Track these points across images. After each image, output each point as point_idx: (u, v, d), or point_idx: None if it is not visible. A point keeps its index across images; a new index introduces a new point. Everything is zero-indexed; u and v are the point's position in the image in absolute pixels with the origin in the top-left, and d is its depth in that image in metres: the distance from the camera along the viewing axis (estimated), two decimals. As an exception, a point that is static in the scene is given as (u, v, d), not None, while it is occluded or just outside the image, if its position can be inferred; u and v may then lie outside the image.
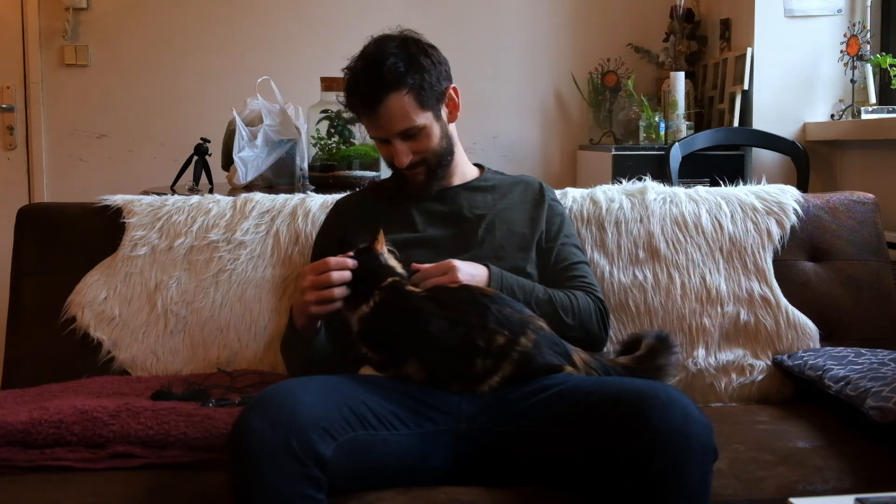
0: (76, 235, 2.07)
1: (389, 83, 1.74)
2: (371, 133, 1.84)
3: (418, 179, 1.85)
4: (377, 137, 1.82)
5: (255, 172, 2.79)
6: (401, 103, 1.75)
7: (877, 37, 3.20)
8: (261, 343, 1.98)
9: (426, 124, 1.79)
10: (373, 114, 1.77)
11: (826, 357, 1.85)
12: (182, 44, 3.68)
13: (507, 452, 1.52)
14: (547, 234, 1.88)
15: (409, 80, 1.75)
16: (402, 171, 1.84)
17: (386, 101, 1.75)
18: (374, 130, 1.82)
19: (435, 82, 1.79)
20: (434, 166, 1.84)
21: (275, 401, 1.38)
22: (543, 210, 1.90)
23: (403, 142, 1.79)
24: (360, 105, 1.79)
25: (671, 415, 1.35)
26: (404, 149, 1.80)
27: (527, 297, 1.71)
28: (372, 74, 1.75)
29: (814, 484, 1.53)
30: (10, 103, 3.65)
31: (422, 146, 1.81)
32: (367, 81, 1.76)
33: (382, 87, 1.74)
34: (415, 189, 1.87)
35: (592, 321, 1.78)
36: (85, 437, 1.55)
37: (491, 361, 1.56)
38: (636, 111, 3.51)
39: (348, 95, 1.81)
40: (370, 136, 1.86)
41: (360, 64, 1.78)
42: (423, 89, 1.76)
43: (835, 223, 2.12)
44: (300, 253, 2.03)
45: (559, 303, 1.75)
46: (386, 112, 1.76)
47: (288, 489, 1.32)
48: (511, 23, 3.78)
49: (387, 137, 1.80)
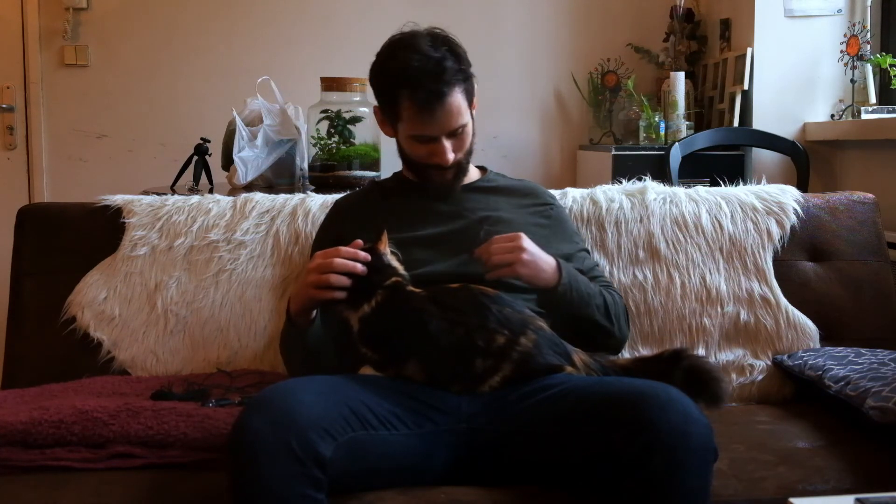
0: (76, 235, 2.07)
1: (452, 82, 1.74)
2: (416, 131, 1.78)
3: (447, 178, 1.84)
4: (424, 136, 1.78)
5: (255, 172, 2.79)
6: (458, 102, 1.75)
7: (877, 37, 3.20)
8: (261, 343, 1.98)
9: (468, 123, 1.80)
10: (433, 112, 1.73)
11: (826, 357, 1.85)
12: (182, 44, 3.68)
13: (507, 452, 1.52)
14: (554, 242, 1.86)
15: (463, 76, 1.77)
16: (432, 170, 1.82)
17: (449, 100, 1.74)
18: (424, 128, 1.77)
19: (472, 79, 1.82)
20: (464, 165, 1.85)
21: (275, 401, 1.38)
22: (548, 217, 1.91)
23: (449, 140, 1.78)
24: (422, 101, 1.73)
25: (671, 415, 1.35)
26: (450, 147, 1.79)
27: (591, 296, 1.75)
28: (436, 70, 1.73)
29: (814, 484, 1.53)
30: (10, 103, 3.65)
31: (461, 145, 1.81)
32: (430, 77, 1.72)
33: (446, 84, 1.73)
34: (442, 189, 1.85)
35: (621, 318, 1.83)
36: (85, 437, 1.55)
37: (491, 362, 1.56)
38: (636, 111, 3.51)
39: (406, 85, 1.74)
40: (410, 135, 1.79)
41: (419, 57, 1.74)
42: (469, 85, 1.79)
43: (835, 223, 2.12)
44: (300, 253, 2.03)
45: (610, 303, 1.79)
46: (447, 110, 1.74)
47: (288, 489, 1.32)
48: (511, 23, 3.78)
49: (437, 136, 1.77)
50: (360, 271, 1.59)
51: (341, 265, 1.59)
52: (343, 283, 1.59)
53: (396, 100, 1.76)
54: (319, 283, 1.59)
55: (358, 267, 1.59)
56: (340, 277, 1.59)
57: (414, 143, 1.80)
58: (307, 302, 1.64)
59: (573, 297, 1.73)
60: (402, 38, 1.79)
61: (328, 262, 1.60)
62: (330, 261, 1.60)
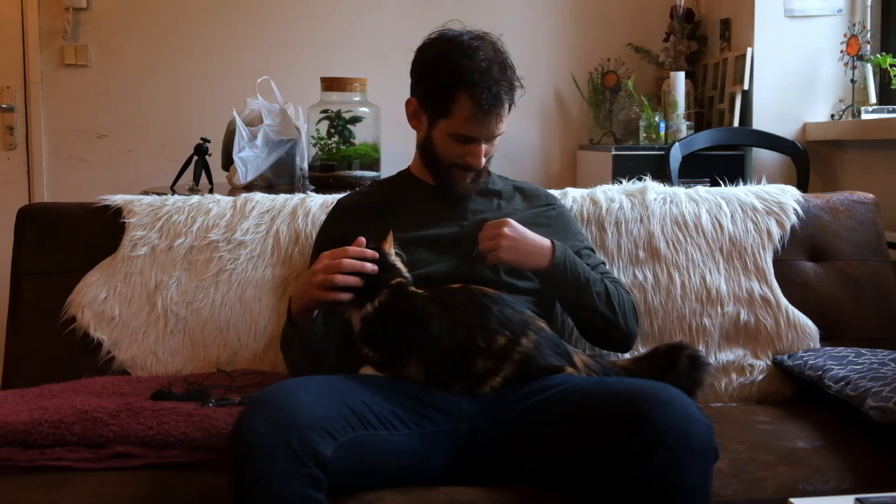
0: (76, 235, 2.07)
1: (513, 90, 1.78)
2: (464, 131, 1.77)
3: (467, 182, 1.85)
4: (468, 136, 1.78)
5: (255, 172, 2.79)
6: (506, 109, 1.79)
7: (877, 37, 3.20)
8: (261, 343, 1.98)
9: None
10: (489, 115, 1.75)
11: (826, 357, 1.85)
12: (182, 44, 3.68)
13: (507, 452, 1.52)
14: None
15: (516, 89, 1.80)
16: (458, 171, 1.83)
17: (505, 107, 1.77)
18: (474, 129, 1.77)
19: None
20: (484, 171, 1.87)
21: (275, 401, 1.38)
22: (552, 218, 1.91)
23: (486, 144, 1.81)
24: (488, 103, 1.73)
25: (672, 415, 1.35)
26: (484, 151, 1.81)
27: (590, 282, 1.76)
28: (507, 79, 1.76)
29: (814, 484, 1.53)
30: (10, 103, 3.65)
31: (491, 150, 1.84)
32: (503, 83, 1.75)
33: (509, 93, 1.77)
34: (463, 189, 1.86)
35: (627, 311, 1.82)
36: (85, 437, 1.55)
37: (492, 362, 1.56)
38: (636, 111, 3.51)
39: (478, 83, 1.73)
40: (454, 133, 1.78)
41: (497, 64, 1.76)
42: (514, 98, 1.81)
43: (835, 223, 2.12)
44: (300, 253, 2.03)
45: (612, 293, 1.79)
46: (499, 116, 1.77)
47: (288, 489, 1.32)
48: (511, 23, 3.78)
49: (481, 137, 1.79)
50: (371, 270, 1.59)
51: (350, 265, 1.59)
52: (350, 282, 1.59)
53: (453, 96, 1.75)
54: (325, 284, 1.59)
55: (367, 266, 1.59)
56: (347, 277, 1.58)
57: (452, 141, 1.80)
58: (310, 303, 1.64)
59: (568, 276, 1.74)
60: (466, 37, 1.79)
61: (336, 263, 1.59)
62: (338, 261, 1.59)
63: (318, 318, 1.69)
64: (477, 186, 1.88)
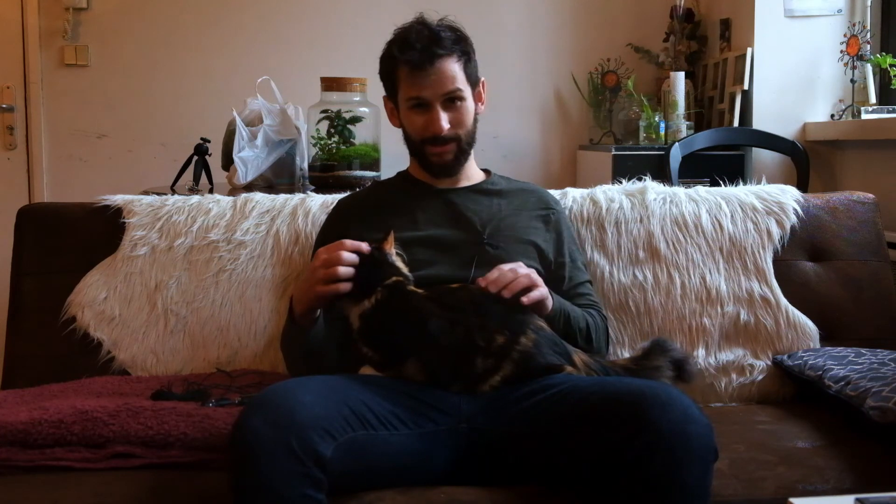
0: (76, 235, 2.07)
1: (446, 47, 1.80)
2: (412, 93, 1.81)
3: (447, 158, 1.86)
4: (418, 100, 1.81)
5: (255, 172, 2.79)
6: (452, 68, 1.81)
7: (877, 37, 3.20)
8: (261, 343, 1.98)
9: (467, 96, 1.84)
10: (424, 70, 1.79)
11: (826, 357, 1.86)
12: (182, 44, 3.68)
13: (507, 452, 1.53)
14: (557, 249, 1.89)
15: (461, 51, 1.83)
16: (432, 146, 1.84)
17: (440, 62, 1.79)
18: (419, 90, 1.81)
19: (475, 66, 1.87)
20: (464, 147, 1.87)
21: (275, 401, 1.38)
22: (551, 222, 1.91)
23: (444, 110, 1.82)
24: (416, 60, 1.79)
25: (671, 414, 1.35)
26: (445, 116, 1.82)
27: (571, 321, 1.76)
28: (430, 36, 1.80)
29: (814, 484, 1.53)
30: (10, 103, 3.65)
31: (458, 119, 1.84)
32: (424, 41, 1.79)
33: (439, 48, 1.79)
34: (442, 169, 1.87)
35: (601, 341, 1.84)
36: (85, 437, 1.55)
37: (491, 361, 1.56)
38: (636, 111, 3.51)
39: (401, 51, 1.80)
40: (407, 101, 1.83)
41: (416, 27, 1.82)
42: (470, 64, 1.85)
43: (835, 223, 2.12)
44: (300, 253, 2.03)
45: (591, 327, 1.80)
46: (439, 70, 1.79)
47: (288, 489, 1.32)
48: (511, 23, 3.78)
49: (430, 100, 1.81)
50: (366, 250, 1.61)
51: (348, 257, 1.60)
52: (350, 273, 1.59)
53: (395, 70, 1.83)
54: (328, 277, 1.59)
55: (363, 246, 1.61)
56: (348, 269, 1.59)
57: (413, 115, 1.84)
58: (313, 301, 1.64)
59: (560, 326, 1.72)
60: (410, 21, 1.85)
61: (335, 256, 1.60)
62: (337, 254, 1.60)
63: (320, 317, 1.69)
64: (459, 164, 1.88)
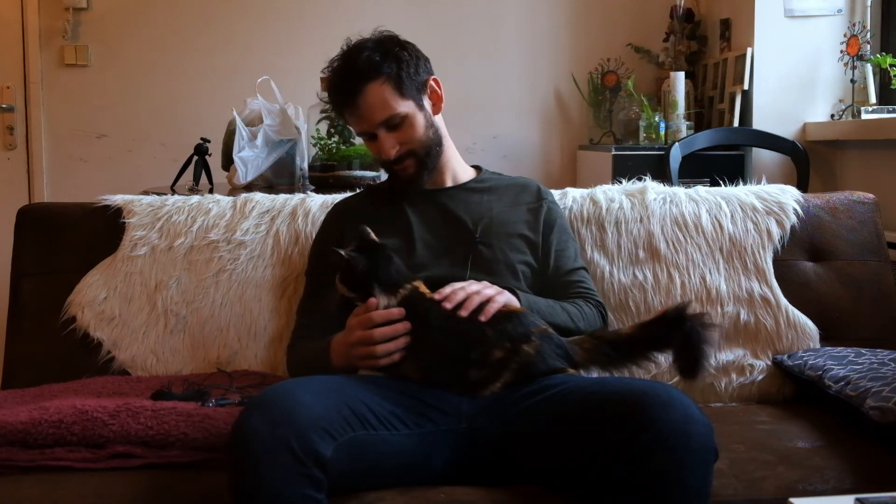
0: (76, 235, 2.07)
1: (366, 73, 1.76)
2: (356, 129, 1.84)
3: (409, 173, 1.84)
4: (363, 133, 1.82)
5: (255, 172, 2.79)
6: (379, 92, 1.76)
7: (877, 37, 3.20)
8: (261, 343, 1.98)
9: (408, 113, 1.79)
10: (353, 106, 1.78)
11: (826, 357, 1.85)
12: (182, 44, 3.68)
13: (507, 452, 1.52)
14: (545, 238, 1.86)
15: (386, 69, 1.77)
16: (392, 165, 1.83)
17: (365, 91, 1.76)
18: (357, 124, 1.82)
19: (413, 73, 1.81)
20: (423, 157, 1.83)
21: (275, 401, 1.38)
22: (542, 213, 1.89)
23: (388, 133, 1.79)
24: (342, 99, 1.80)
25: (672, 414, 1.35)
26: (390, 140, 1.79)
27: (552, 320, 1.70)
28: (348, 67, 1.78)
29: (814, 484, 1.53)
30: (10, 103, 3.65)
31: (407, 136, 1.80)
32: (344, 75, 1.78)
33: (360, 78, 1.76)
34: (406, 184, 1.85)
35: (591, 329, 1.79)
36: (85, 437, 1.55)
37: (487, 371, 1.56)
38: (636, 111, 3.51)
39: (330, 94, 1.83)
40: (357, 134, 1.87)
41: (337, 62, 1.82)
42: (402, 78, 1.78)
43: (835, 223, 2.12)
44: (300, 253, 2.03)
45: (575, 316, 1.76)
46: (366, 102, 1.76)
47: (288, 489, 1.32)
48: (511, 23, 3.78)
49: (370, 130, 1.80)
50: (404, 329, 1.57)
51: (381, 334, 1.57)
52: (389, 349, 1.57)
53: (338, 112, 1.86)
54: (370, 356, 1.58)
55: (399, 328, 1.57)
56: (387, 345, 1.57)
57: (366, 143, 1.86)
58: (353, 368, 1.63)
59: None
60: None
61: (367, 335, 1.57)
62: (369, 333, 1.57)
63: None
64: (423, 176, 1.84)
